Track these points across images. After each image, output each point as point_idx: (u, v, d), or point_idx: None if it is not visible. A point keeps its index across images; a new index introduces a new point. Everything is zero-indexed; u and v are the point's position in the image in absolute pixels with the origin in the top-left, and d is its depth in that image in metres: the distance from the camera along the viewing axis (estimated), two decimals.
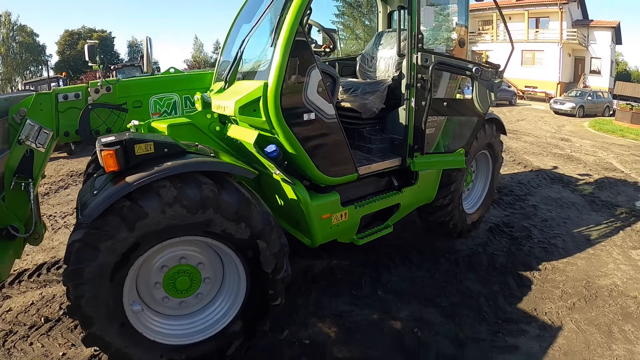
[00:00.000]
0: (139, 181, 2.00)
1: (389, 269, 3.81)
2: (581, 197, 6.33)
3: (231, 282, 2.56)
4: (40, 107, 3.04)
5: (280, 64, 2.38)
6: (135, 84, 3.58)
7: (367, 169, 3.08)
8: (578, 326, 3.09)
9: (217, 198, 2.17)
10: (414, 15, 2.96)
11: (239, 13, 3.59)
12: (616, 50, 40.79)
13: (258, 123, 2.56)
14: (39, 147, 2.92)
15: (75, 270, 2.00)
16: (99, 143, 2.15)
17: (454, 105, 3.49)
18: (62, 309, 3.29)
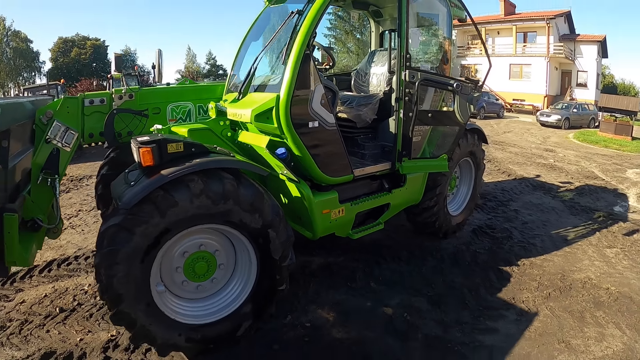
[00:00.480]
0: (172, 174, 2.34)
1: (380, 265, 4.16)
2: (561, 203, 6.77)
3: (243, 267, 2.89)
4: (68, 110, 3.32)
5: (290, 79, 2.78)
6: (155, 92, 3.92)
7: (361, 171, 3.47)
8: (553, 312, 3.46)
9: (236, 191, 2.52)
10: (403, 37, 3.41)
11: (247, 33, 3.99)
12: (602, 63, 41.89)
13: (270, 129, 2.95)
14: (65, 146, 3.20)
15: (110, 252, 2.29)
16: (136, 142, 2.49)
17: (437, 116, 3.92)
18: (76, 300, 3.53)
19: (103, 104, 3.58)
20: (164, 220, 2.35)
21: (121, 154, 4.09)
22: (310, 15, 2.93)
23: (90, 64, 46.68)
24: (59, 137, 3.17)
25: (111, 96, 3.62)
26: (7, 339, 3.00)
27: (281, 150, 2.92)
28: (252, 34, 3.96)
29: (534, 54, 33.64)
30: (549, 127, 22.12)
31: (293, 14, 3.04)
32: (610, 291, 3.85)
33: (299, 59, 2.82)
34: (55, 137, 3.14)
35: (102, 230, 2.37)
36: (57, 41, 46.05)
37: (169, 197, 2.35)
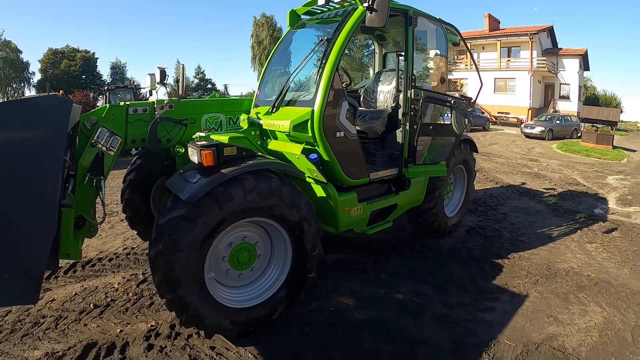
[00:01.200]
0: (231, 173, 2.77)
1: (388, 260, 4.66)
2: (546, 206, 7.41)
3: (279, 257, 3.32)
4: (112, 117, 3.60)
5: (323, 96, 3.33)
6: (192, 104, 4.30)
7: (375, 175, 4.00)
8: (541, 294, 4.02)
9: (280, 189, 2.99)
10: (409, 60, 3.99)
11: (272, 54, 4.56)
12: (584, 76, 43.47)
13: (305, 138, 3.46)
14: (110, 150, 3.46)
15: (174, 240, 2.64)
16: (196, 146, 2.89)
17: (437, 128, 4.51)
18: (108, 297, 3.77)
19: (145, 113, 3.86)
20: (221, 213, 2.76)
21: (148, 160, 4.41)
22: (338, 43, 3.48)
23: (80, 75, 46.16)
24: (104, 141, 3.42)
25: (153, 106, 3.92)
26: (43, 334, 3.19)
27: (314, 156, 3.43)
28: (276, 55, 4.51)
29: (517, 68, 34.80)
30: (533, 139, 22.86)
31: (322, 41, 3.58)
32: (591, 277, 4.44)
33: (330, 79, 3.35)
34: (101, 141, 3.40)
35: (162, 222, 2.70)
36: (47, 52, 45.39)
37: (227, 192, 2.76)
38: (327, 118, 3.39)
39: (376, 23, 3.28)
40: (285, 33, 4.60)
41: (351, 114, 3.58)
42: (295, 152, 3.52)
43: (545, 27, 36.94)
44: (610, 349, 3.22)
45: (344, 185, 3.77)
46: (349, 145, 3.61)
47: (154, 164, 4.41)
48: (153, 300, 3.71)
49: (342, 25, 3.58)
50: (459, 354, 3.09)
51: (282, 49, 4.55)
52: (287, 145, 3.69)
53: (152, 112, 3.92)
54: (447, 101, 4.35)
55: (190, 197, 2.66)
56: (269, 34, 55.62)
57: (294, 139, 3.61)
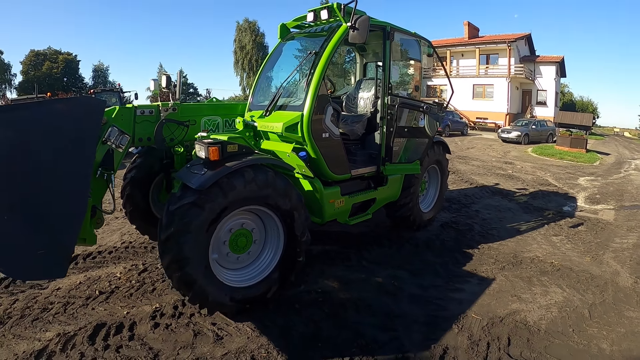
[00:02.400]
0: (234, 166, 3.21)
1: (368, 250, 5.12)
2: (517, 204, 7.99)
3: (272, 241, 3.75)
4: (122, 117, 3.93)
5: (311, 102, 3.81)
6: (194, 107, 4.70)
7: (356, 172, 4.49)
8: (507, 278, 4.53)
9: (275, 181, 3.44)
10: (386, 70, 4.50)
11: (264, 64, 5.02)
12: (561, 82, 44.86)
13: (295, 138, 3.93)
14: (119, 147, 3.79)
15: (185, 223, 3.02)
16: (203, 143, 3.28)
17: (412, 131, 5.04)
18: (112, 284, 4.04)
19: (152, 114, 4.21)
20: (225, 200, 3.17)
21: (147, 159, 4.73)
22: (324, 55, 3.97)
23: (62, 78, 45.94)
24: (114, 139, 3.75)
25: (159, 108, 4.27)
26: (53, 317, 3.44)
27: (302, 154, 3.90)
28: (268, 64, 4.99)
29: (496, 74, 35.77)
30: (510, 143, 23.65)
31: (311, 53, 4.07)
32: (554, 264, 4.97)
33: (317, 87, 3.84)
34: (111, 139, 3.73)
35: (173, 208, 3.08)
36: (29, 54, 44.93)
37: (230, 182, 3.19)
38: (315, 121, 3.87)
39: (357, 40, 3.79)
40: (276, 45, 5.07)
41: (335, 118, 4.06)
42: (286, 150, 3.98)
43: (523, 35, 38.12)
44: (568, 322, 3.68)
45: (329, 180, 4.24)
46: (333, 145, 4.09)
47: (153, 162, 4.72)
48: (155, 287, 4.04)
49: (328, 40, 4.07)
50: (432, 325, 3.55)
51: (273, 59, 5.02)
52: (278, 145, 4.15)
53: (158, 113, 4.25)
54: (420, 107, 4.90)
55: (199, 186, 3.05)
56: (252, 39, 55.74)
57: (285, 139, 4.06)
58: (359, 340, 3.28)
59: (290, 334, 3.35)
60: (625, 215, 7.71)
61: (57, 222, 2.61)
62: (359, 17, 3.80)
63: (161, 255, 3.16)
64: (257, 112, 4.44)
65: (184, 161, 4.57)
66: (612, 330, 3.59)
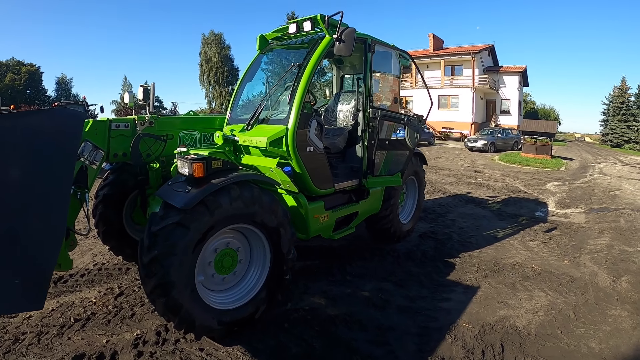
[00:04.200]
0: (220, 183, 3.08)
1: (351, 264, 5.08)
2: (490, 212, 8.20)
3: (258, 260, 3.63)
4: (96, 131, 3.74)
5: (295, 115, 3.74)
6: (171, 121, 4.53)
7: (339, 186, 4.44)
8: (491, 285, 4.61)
9: (261, 197, 3.33)
10: (367, 83, 4.51)
11: (243, 76, 4.92)
12: (524, 91, 46.75)
13: (280, 152, 3.84)
14: (93, 163, 3.59)
15: (170, 244, 2.86)
16: (187, 159, 3.14)
17: (393, 143, 5.05)
18: (88, 310, 3.80)
19: (127, 129, 4.03)
20: (212, 219, 3.04)
21: (120, 176, 4.53)
22: (308, 68, 3.92)
23: (24, 90, 44.22)
24: (88, 155, 3.54)
25: (135, 122, 4.09)
26: (27, 349, 3.19)
27: (287, 169, 3.82)
28: (247, 77, 4.89)
29: (460, 85, 36.89)
30: (477, 152, 24.39)
31: (294, 65, 4.01)
32: (535, 269, 5.12)
33: (302, 100, 3.78)
34: (85, 155, 3.52)
35: (155, 229, 2.91)
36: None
37: (216, 200, 3.06)
38: (299, 135, 3.80)
39: (343, 52, 3.77)
40: (255, 56, 4.98)
41: (319, 131, 4.02)
42: (270, 165, 3.89)
43: (486, 47, 39.60)
44: (556, 324, 3.80)
45: (312, 195, 4.18)
46: (317, 159, 4.04)
47: (127, 179, 4.53)
48: (134, 311, 3.83)
49: (312, 52, 4.03)
50: (424, 337, 3.54)
51: (252, 71, 4.92)
52: (261, 160, 4.07)
53: (134, 128, 4.08)
54: (401, 119, 4.93)
55: (184, 204, 2.90)
56: (218, 51, 55.46)
57: (269, 154, 3.98)
58: (354, 357, 3.22)
59: (283, 355, 3.24)
60: (596, 218, 8.09)
61: (33, 248, 2.38)
62: (344, 29, 3.79)
63: (143, 280, 2.98)
64: (237, 126, 4.35)
65: (159, 178, 4.42)
66: (598, 329, 3.73)
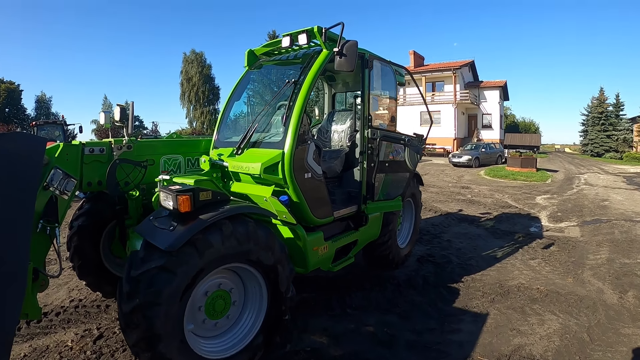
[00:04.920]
0: (210, 219, 2.70)
1: (350, 295, 4.73)
2: (485, 230, 8.00)
3: (254, 302, 3.25)
4: (67, 157, 3.33)
5: (292, 138, 3.39)
6: (151, 145, 4.14)
7: (338, 213, 4.10)
8: (500, 311, 4.36)
9: (256, 232, 2.97)
10: (365, 102, 4.21)
11: (231, 95, 4.54)
12: (504, 105, 47.61)
13: (275, 180, 3.48)
14: (64, 194, 3.16)
15: (154, 293, 2.49)
16: (171, 190, 2.77)
17: (393, 165, 4.76)
18: (64, 357, 3.49)
19: (102, 154, 3.63)
20: (201, 261, 2.66)
21: (97, 205, 4.14)
22: (305, 85, 3.58)
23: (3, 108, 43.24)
24: (58, 184, 3.13)
25: (111, 146, 3.70)
26: None
27: (284, 198, 3.46)
28: (235, 95, 4.53)
29: (442, 101, 37.22)
30: (461, 167, 24.48)
31: (289, 83, 3.67)
32: (541, 290, 4.91)
33: (299, 121, 3.44)
34: (54, 184, 3.10)
35: (136, 274, 2.54)
36: None
37: (206, 239, 2.68)
38: (296, 160, 3.46)
39: (345, 67, 3.46)
40: (243, 73, 4.64)
41: (317, 155, 3.69)
42: (264, 194, 3.52)
43: (467, 62, 40.31)
44: (572, 349, 3.60)
45: (310, 225, 3.83)
46: (316, 185, 3.70)
47: (103, 208, 4.15)
48: (115, 357, 3.47)
49: (308, 68, 3.71)
50: None
51: (240, 89, 4.58)
52: (254, 188, 3.70)
53: (110, 152, 3.70)
54: (401, 139, 4.65)
55: (170, 246, 2.53)
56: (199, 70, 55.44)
57: (262, 181, 3.63)
58: None
59: None
60: (590, 231, 8.03)
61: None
62: (346, 42, 3.49)
63: (124, 330, 2.60)
64: (226, 150, 4.00)
65: (139, 207, 4.03)
66: (615, 351, 3.60)
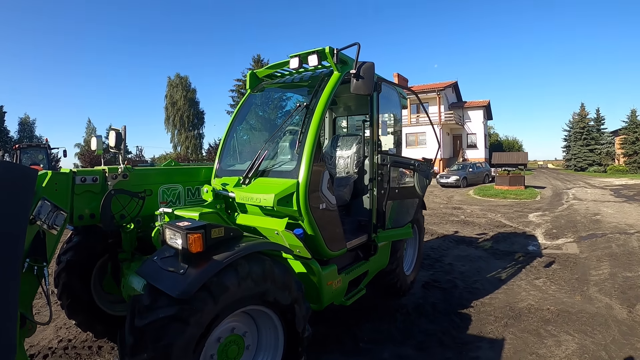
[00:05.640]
0: (226, 260, 2.43)
1: (359, 327, 4.49)
2: (484, 252, 7.89)
3: (268, 344, 2.98)
4: (56, 186, 3.03)
5: (307, 167, 3.17)
6: (149, 173, 3.87)
7: (350, 244, 3.86)
8: (515, 335, 4.24)
9: (273, 271, 2.71)
10: (374, 126, 4.03)
11: (233, 119, 4.32)
12: (488, 124, 48.64)
13: (289, 212, 3.23)
14: (53, 228, 2.84)
15: (165, 347, 2.19)
16: (178, 227, 2.49)
17: (402, 191, 4.58)
18: None
19: (95, 183, 3.34)
20: (216, 307, 2.38)
21: (87, 237, 3.84)
22: (318, 109, 3.36)
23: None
24: (46, 217, 2.81)
25: (104, 174, 3.41)
26: None
27: (299, 231, 3.20)
28: (237, 120, 4.31)
29: (426, 123, 37.31)
30: (450, 187, 24.75)
31: (300, 106, 3.46)
32: (551, 310, 4.83)
33: (313, 148, 3.22)
34: (42, 217, 2.78)
35: (142, 324, 2.26)
36: None
37: (221, 282, 2.41)
38: (312, 190, 3.23)
39: (362, 90, 3.28)
40: (245, 96, 4.43)
41: (330, 184, 3.48)
42: (275, 227, 3.26)
43: (450, 83, 41.18)
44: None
45: (324, 258, 3.59)
46: (330, 216, 3.48)
47: (94, 241, 3.84)
48: None
49: (320, 91, 3.50)
50: None
51: (242, 113, 4.37)
52: (263, 220, 3.44)
53: (104, 182, 3.41)
54: (410, 164, 4.49)
55: (182, 293, 2.24)
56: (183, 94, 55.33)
57: (274, 213, 3.37)
58: None
59: None
60: (588, 246, 8.10)
61: None
62: (362, 64, 3.31)
63: None
64: (230, 179, 3.75)
65: (134, 240, 3.77)
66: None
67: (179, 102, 55.73)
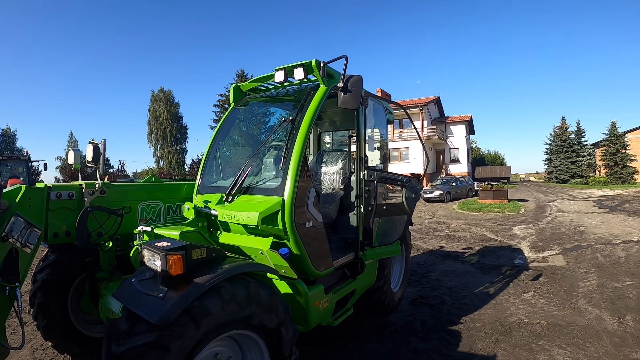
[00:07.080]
0: (209, 283, 2.31)
1: (347, 347, 4.36)
2: (471, 266, 7.86)
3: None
4: (30, 202, 2.93)
5: (293, 184, 3.07)
6: (128, 189, 3.74)
7: (337, 263, 3.75)
8: (507, 351, 4.17)
9: (258, 293, 2.59)
10: (361, 141, 3.97)
11: (215, 134, 4.21)
12: (471, 139, 49.38)
13: (274, 231, 3.12)
14: (26, 246, 2.74)
15: None
16: (157, 248, 2.36)
17: (391, 208, 4.51)
18: None
19: (72, 199, 3.24)
20: (198, 332, 2.26)
21: (63, 255, 3.68)
22: (304, 124, 3.28)
23: None
24: (19, 235, 2.70)
25: (81, 190, 3.29)
26: None
27: (285, 250, 3.10)
28: (220, 135, 4.21)
29: (410, 138, 37.83)
30: (433, 202, 24.89)
31: (285, 121, 3.37)
32: (541, 324, 4.80)
33: (299, 164, 3.13)
34: (14, 235, 2.67)
35: (119, 351, 2.13)
36: None
37: (203, 306, 2.29)
38: (297, 207, 3.13)
39: (350, 104, 3.22)
40: (229, 111, 4.33)
41: (317, 201, 3.38)
42: (260, 247, 3.16)
43: (432, 99, 41.83)
44: None
45: (311, 278, 3.48)
46: (316, 235, 3.37)
47: (71, 260, 3.69)
48: None
49: (306, 105, 3.42)
50: None
51: (225, 128, 4.26)
52: (247, 239, 3.33)
53: (80, 198, 3.31)
54: (398, 180, 4.43)
55: (162, 319, 2.11)
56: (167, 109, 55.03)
57: (258, 232, 3.27)
58: None
59: None
60: (574, 258, 8.16)
61: None
62: (350, 78, 3.25)
63: None
64: (212, 196, 3.64)
65: (112, 259, 3.64)
66: None
67: (162, 117, 55.35)
